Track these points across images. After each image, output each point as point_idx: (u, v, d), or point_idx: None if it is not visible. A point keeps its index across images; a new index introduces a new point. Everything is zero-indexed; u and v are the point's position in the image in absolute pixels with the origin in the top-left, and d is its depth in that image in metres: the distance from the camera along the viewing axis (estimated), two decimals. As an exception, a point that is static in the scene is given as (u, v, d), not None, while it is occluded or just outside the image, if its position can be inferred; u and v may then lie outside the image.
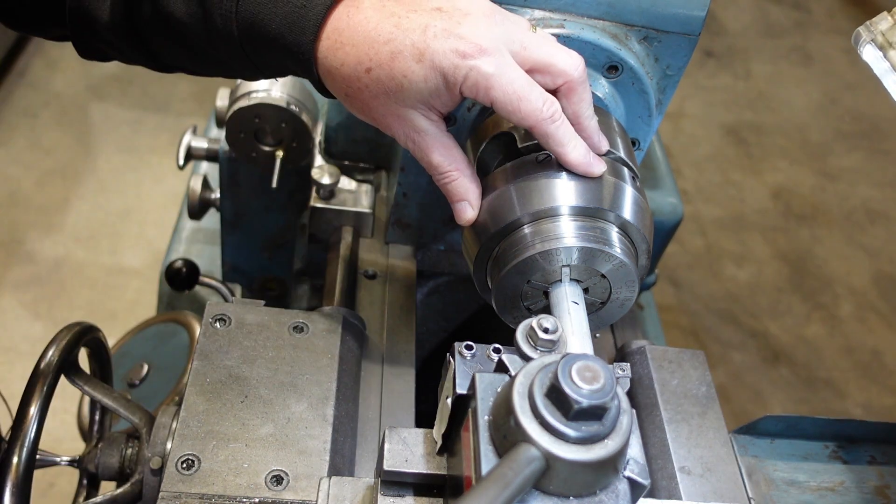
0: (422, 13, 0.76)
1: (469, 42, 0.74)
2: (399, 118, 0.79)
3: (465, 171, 0.83)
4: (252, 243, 1.52)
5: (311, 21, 0.77)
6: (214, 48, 0.82)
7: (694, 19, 0.92)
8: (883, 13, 0.85)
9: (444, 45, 0.74)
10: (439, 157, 0.82)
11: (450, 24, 0.75)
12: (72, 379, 0.97)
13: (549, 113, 0.78)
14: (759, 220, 3.46)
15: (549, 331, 0.70)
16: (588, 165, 0.82)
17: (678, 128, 3.84)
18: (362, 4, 0.77)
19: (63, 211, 2.96)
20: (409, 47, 0.75)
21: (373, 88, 0.77)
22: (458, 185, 0.83)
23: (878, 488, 0.98)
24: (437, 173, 0.83)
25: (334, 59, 0.77)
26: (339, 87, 0.80)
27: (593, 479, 0.63)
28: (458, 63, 0.74)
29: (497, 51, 0.75)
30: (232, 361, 0.90)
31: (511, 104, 0.76)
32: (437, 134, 0.81)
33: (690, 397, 0.99)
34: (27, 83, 3.41)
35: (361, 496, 0.79)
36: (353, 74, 0.77)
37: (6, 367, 2.46)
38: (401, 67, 0.75)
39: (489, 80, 0.75)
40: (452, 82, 0.75)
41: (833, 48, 4.47)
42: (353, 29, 0.76)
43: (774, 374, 2.89)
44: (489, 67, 0.75)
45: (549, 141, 0.80)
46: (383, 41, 0.75)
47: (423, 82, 0.75)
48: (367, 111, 0.81)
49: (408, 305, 1.13)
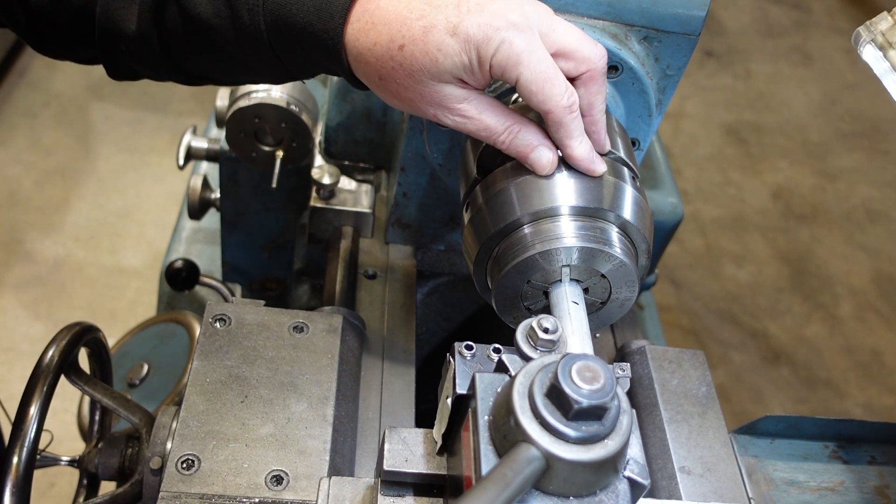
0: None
1: (501, 16, 0.74)
2: (437, 95, 0.78)
3: (523, 121, 0.81)
4: (252, 243, 1.52)
5: (338, 6, 0.77)
6: (242, 50, 0.81)
7: (694, 19, 0.92)
8: (883, 13, 0.85)
9: (477, 19, 0.74)
10: (493, 117, 0.80)
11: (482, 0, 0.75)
12: (72, 379, 0.97)
13: (568, 102, 0.77)
14: (759, 220, 3.46)
15: (549, 331, 0.70)
16: (591, 163, 0.82)
17: (678, 128, 3.84)
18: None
19: (63, 211, 2.96)
20: (442, 21, 0.74)
21: (407, 66, 0.76)
22: (524, 134, 0.81)
23: (878, 488, 0.98)
24: (499, 134, 0.80)
25: (366, 41, 0.77)
26: (371, 70, 0.79)
27: (593, 479, 0.63)
28: (491, 35, 0.74)
29: (528, 28, 0.75)
30: (232, 361, 0.90)
31: (536, 84, 0.75)
32: (479, 98, 0.79)
33: (690, 397, 0.99)
34: (27, 83, 3.41)
35: (361, 496, 0.79)
36: (386, 54, 0.76)
37: (6, 367, 2.46)
38: (435, 41, 0.74)
39: (520, 55, 0.74)
40: (484, 55, 0.75)
41: (833, 48, 4.47)
42: (383, 9, 0.76)
43: (774, 374, 2.89)
44: (521, 43, 0.74)
45: (560, 131, 0.79)
46: (416, 17, 0.75)
47: (458, 56, 0.75)
48: (402, 93, 0.79)
49: (408, 305, 1.13)
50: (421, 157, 1.08)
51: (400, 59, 0.76)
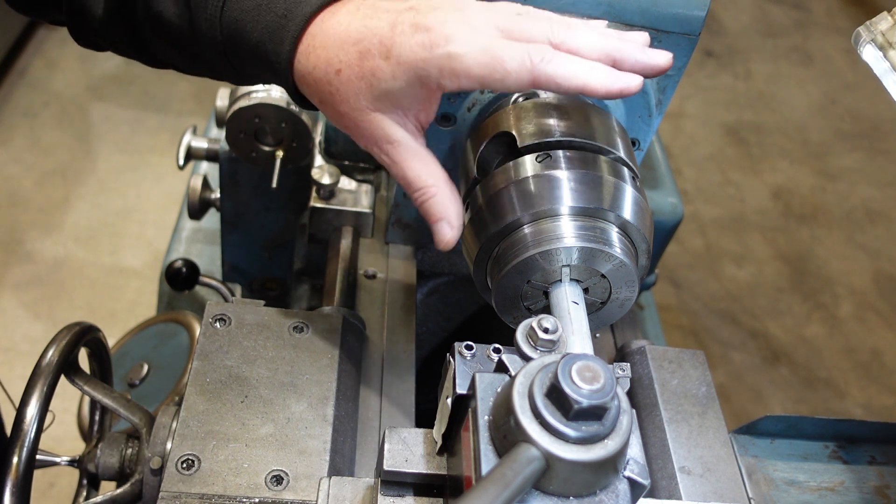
0: (393, 12, 0.74)
1: (436, 33, 0.71)
2: (372, 125, 0.76)
3: (443, 187, 0.78)
4: (252, 243, 1.52)
5: (290, 32, 0.76)
6: (201, 50, 0.82)
7: (694, 19, 0.92)
8: (883, 13, 0.85)
9: (410, 40, 0.71)
10: (415, 171, 0.77)
11: (417, 17, 0.72)
12: (72, 379, 0.97)
13: (537, 56, 0.70)
14: (759, 220, 3.46)
15: (549, 331, 0.70)
16: (616, 83, 0.72)
17: (678, 128, 3.84)
18: (339, 11, 0.76)
19: (63, 211, 2.96)
20: (376, 45, 0.73)
21: (343, 91, 0.75)
22: (435, 202, 0.78)
23: (878, 488, 0.98)
24: (413, 190, 0.78)
25: (307, 64, 0.76)
26: (312, 92, 0.78)
27: (593, 479, 0.63)
28: (427, 56, 0.71)
29: (463, 31, 0.71)
30: (232, 361, 0.90)
31: (496, 70, 0.70)
32: (411, 145, 0.77)
33: (690, 397, 0.99)
34: (27, 83, 3.41)
35: (361, 496, 0.79)
36: (324, 77, 0.75)
37: (6, 367, 2.46)
38: (369, 66, 0.73)
39: (462, 59, 0.70)
40: (425, 78, 0.72)
41: (833, 48, 4.47)
42: (325, 33, 0.75)
43: (774, 374, 2.89)
44: (458, 48, 0.70)
45: (559, 83, 0.72)
46: (352, 41, 0.74)
47: (392, 80, 0.72)
48: (340, 118, 0.78)
49: (408, 305, 1.13)
50: (421, 157, 1.08)
51: (337, 83, 0.75)
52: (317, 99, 0.78)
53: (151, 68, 0.93)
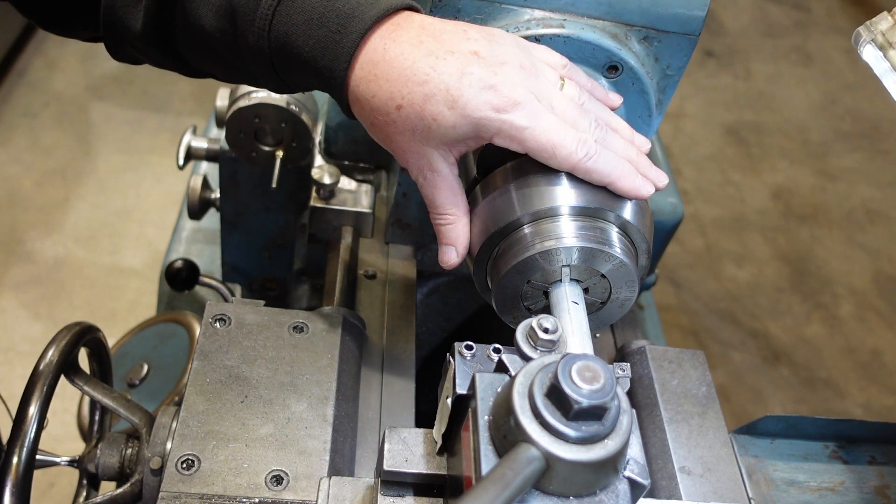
0: (459, 56, 0.75)
1: (503, 95, 0.75)
2: (418, 155, 0.80)
3: (462, 217, 0.83)
4: (252, 243, 1.52)
5: (345, 48, 0.76)
6: (244, 62, 0.82)
7: (694, 19, 0.92)
8: (883, 13, 0.85)
9: (478, 96, 0.74)
10: (444, 198, 0.82)
11: (486, 72, 0.75)
12: (72, 379, 0.97)
13: (582, 153, 0.78)
14: (759, 220, 3.46)
15: (549, 331, 0.70)
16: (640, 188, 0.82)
17: (678, 128, 3.84)
18: (400, 38, 0.76)
19: (63, 211, 2.96)
20: (443, 91, 0.75)
21: (400, 125, 0.77)
22: (453, 228, 0.83)
23: (878, 488, 0.98)
24: (438, 213, 0.83)
25: (366, 90, 0.77)
26: (366, 116, 0.80)
27: (593, 479, 0.63)
28: (492, 116, 0.75)
29: (529, 102, 0.76)
30: (232, 361, 0.90)
31: (546, 152, 0.77)
32: (448, 176, 0.81)
33: (690, 397, 0.99)
34: (27, 83, 3.41)
35: (361, 496, 0.79)
36: (383, 108, 0.77)
37: (6, 367, 2.46)
38: (432, 110, 0.75)
39: (522, 132, 0.76)
40: (485, 133, 0.76)
41: (833, 48, 4.47)
42: (388, 63, 0.76)
43: (774, 374, 2.89)
44: (522, 121, 0.75)
45: (594, 177, 0.80)
46: (418, 81, 0.75)
47: (452, 128, 0.76)
48: (389, 142, 0.81)
49: (408, 305, 1.13)
50: (421, 157, 1.08)
51: (395, 116, 0.77)
52: (368, 122, 0.80)
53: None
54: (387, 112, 0.77)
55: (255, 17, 0.77)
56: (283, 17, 0.77)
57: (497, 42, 0.78)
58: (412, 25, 0.77)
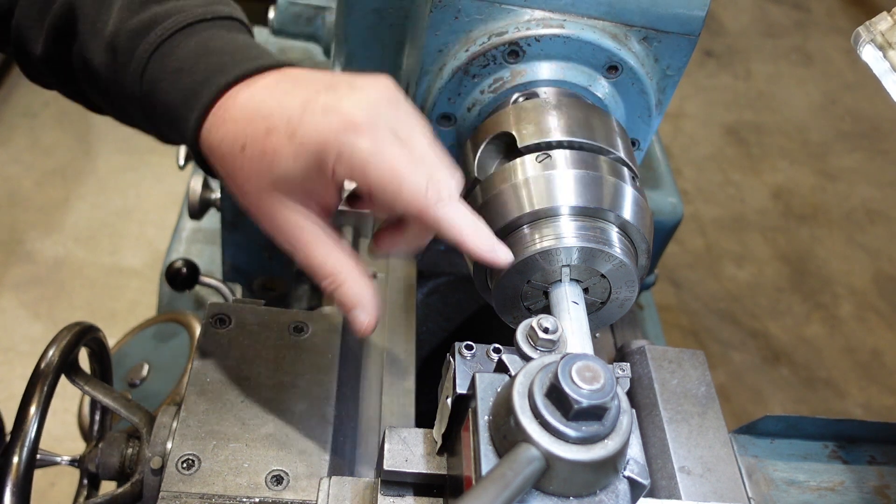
0: (311, 89, 0.70)
1: (344, 116, 0.67)
2: (273, 207, 0.71)
3: (351, 272, 0.73)
4: (252, 243, 1.52)
5: (203, 98, 0.72)
6: (125, 103, 0.79)
7: (694, 19, 0.92)
8: (883, 13, 0.85)
9: (317, 120, 0.67)
10: (319, 258, 0.72)
11: (333, 98, 0.68)
12: (72, 379, 0.97)
13: (434, 197, 0.68)
14: (759, 220, 3.46)
15: (549, 331, 0.70)
16: (490, 252, 0.75)
17: (678, 128, 3.84)
18: (257, 83, 0.72)
19: (63, 211, 2.96)
20: (284, 123, 0.68)
21: (246, 168, 0.70)
22: (344, 290, 0.73)
23: (878, 488, 0.98)
24: (320, 278, 0.73)
25: (215, 136, 0.72)
26: (219, 166, 0.73)
27: (593, 479, 0.63)
28: (330, 139, 0.66)
29: (376, 127, 0.67)
30: (232, 361, 0.90)
31: (391, 187, 0.67)
32: (315, 231, 0.72)
33: (690, 397, 0.99)
34: (27, 83, 3.39)
35: (361, 496, 0.79)
36: (230, 152, 0.71)
37: (6, 367, 2.46)
38: (273, 144, 0.68)
39: (364, 157, 0.67)
40: (326, 161, 0.67)
41: (833, 48, 4.47)
42: (238, 105, 0.71)
43: (774, 374, 2.89)
44: (364, 143, 0.67)
45: (441, 229, 0.71)
46: (262, 116, 0.69)
47: (293, 160, 0.67)
48: (243, 196, 0.73)
49: (408, 305, 1.13)
50: (421, 157, 1.08)
51: (241, 159, 0.70)
52: (223, 173, 0.74)
53: None
54: (234, 155, 0.70)
55: (133, 57, 0.75)
56: (158, 63, 0.74)
57: (364, 78, 0.71)
58: (277, 75, 0.73)
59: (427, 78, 0.98)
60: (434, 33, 0.94)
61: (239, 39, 0.77)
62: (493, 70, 0.95)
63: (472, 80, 0.95)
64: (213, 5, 0.78)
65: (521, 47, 0.93)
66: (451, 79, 0.95)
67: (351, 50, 1.14)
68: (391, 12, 1.08)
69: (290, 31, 1.55)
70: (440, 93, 0.97)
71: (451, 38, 0.94)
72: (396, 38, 1.11)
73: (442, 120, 0.99)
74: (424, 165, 0.69)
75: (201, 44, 0.75)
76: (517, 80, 0.94)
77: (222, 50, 0.75)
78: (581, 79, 0.95)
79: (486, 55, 0.93)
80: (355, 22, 1.11)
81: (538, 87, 0.94)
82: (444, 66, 0.96)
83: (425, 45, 0.95)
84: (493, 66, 0.94)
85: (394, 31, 1.10)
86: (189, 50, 0.75)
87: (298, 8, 1.53)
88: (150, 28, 0.75)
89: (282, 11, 1.54)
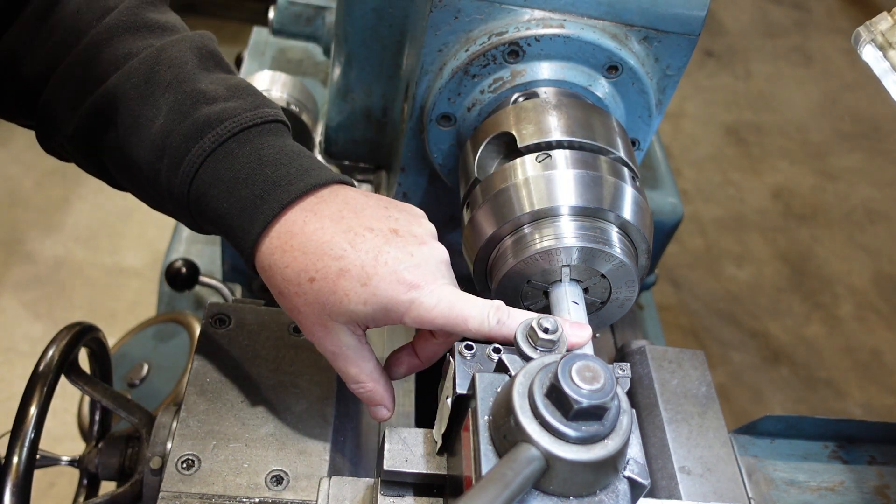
0: (378, 234, 0.75)
1: (415, 274, 0.74)
2: (326, 329, 0.78)
3: (379, 380, 0.82)
4: (252, 243, 1.52)
5: (263, 215, 0.75)
6: (165, 199, 0.81)
7: (694, 19, 0.92)
8: (883, 13, 0.85)
9: (391, 276, 0.73)
10: (355, 371, 0.80)
11: (401, 252, 0.74)
12: (72, 379, 0.97)
13: (494, 320, 0.75)
14: (759, 220, 3.46)
15: (549, 331, 0.70)
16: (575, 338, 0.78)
17: (678, 128, 3.84)
18: (321, 211, 0.76)
19: (63, 211, 2.96)
20: (357, 268, 0.73)
21: (310, 298, 0.75)
22: (372, 394, 0.82)
23: (878, 488, 0.98)
24: (353, 383, 0.81)
25: (280, 260, 0.76)
26: (276, 284, 0.78)
27: (593, 479, 0.63)
28: (401, 297, 0.73)
29: (437, 279, 0.75)
30: (232, 361, 0.90)
31: (459, 327, 0.75)
32: (357, 348, 0.79)
33: (690, 397, 0.99)
34: (27, 83, 3.40)
35: (361, 496, 0.79)
36: (296, 279, 0.75)
37: (6, 367, 2.46)
38: (345, 286, 0.74)
39: (431, 311, 0.74)
40: (395, 313, 0.74)
41: (833, 48, 4.47)
42: (306, 235, 0.75)
43: (774, 374, 2.89)
44: (430, 299, 0.74)
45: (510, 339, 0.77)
46: (334, 256, 0.74)
47: (363, 305, 0.74)
48: (296, 314, 0.79)
49: (408, 305, 1.13)
50: (421, 157, 1.08)
51: (307, 289, 0.75)
52: (277, 291, 0.78)
53: None
54: (299, 283, 0.75)
55: (182, 161, 0.76)
56: (210, 170, 0.76)
57: (415, 221, 0.79)
58: (336, 199, 0.77)
59: (427, 78, 0.98)
60: (434, 33, 0.94)
61: (288, 147, 0.79)
62: (493, 70, 0.95)
63: (472, 79, 0.95)
64: (261, 108, 0.80)
65: (521, 47, 0.93)
66: (451, 79, 0.95)
67: (351, 50, 1.14)
68: (391, 12, 1.08)
69: (290, 31, 1.55)
70: (440, 93, 0.97)
71: (451, 38, 0.94)
72: (396, 38, 1.11)
73: (442, 120, 0.99)
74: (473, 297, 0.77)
75: (255, 152, 0.77)
76: (517, 79, 0.94)
77: (277, 161, 0.77)
78: (581, 79, 0.95)
79: (486, 55, 0.93)
80: (355, 22, 1.11)
81: (538, 86, 0.94)
82: (444, 65, 0.96)
83: (425, 44, 0.95)
84: (493, 65, 0.94)
85: (394, 31, 1.10)
86: (244, 158, 0.77)
87: (298, 8, 1.54)
88: (203, 132, 0.77)
89: (282, 11, 1.54)
